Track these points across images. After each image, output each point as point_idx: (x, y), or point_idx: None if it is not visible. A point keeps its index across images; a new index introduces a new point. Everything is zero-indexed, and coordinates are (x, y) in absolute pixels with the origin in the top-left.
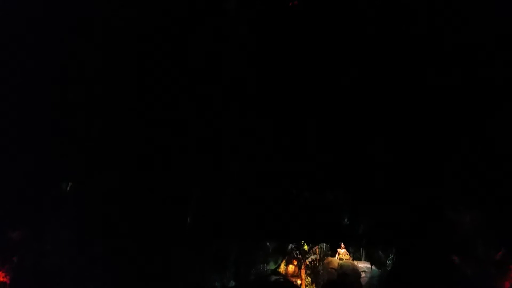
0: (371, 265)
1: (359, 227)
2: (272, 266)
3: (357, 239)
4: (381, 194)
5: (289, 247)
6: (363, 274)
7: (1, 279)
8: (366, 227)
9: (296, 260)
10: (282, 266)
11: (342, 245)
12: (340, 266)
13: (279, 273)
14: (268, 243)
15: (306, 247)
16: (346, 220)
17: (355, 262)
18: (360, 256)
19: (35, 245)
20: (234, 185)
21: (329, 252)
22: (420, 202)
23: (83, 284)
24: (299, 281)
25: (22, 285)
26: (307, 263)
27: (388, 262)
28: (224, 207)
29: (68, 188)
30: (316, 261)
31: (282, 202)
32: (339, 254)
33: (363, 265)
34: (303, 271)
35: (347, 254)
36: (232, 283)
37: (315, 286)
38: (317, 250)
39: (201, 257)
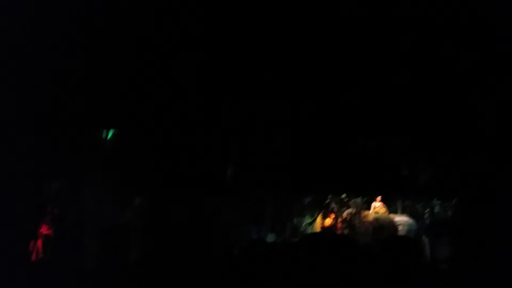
0: (409, 219)
1: (416, 178)
2: (308, 219)
3: (412, 192)
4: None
5: (327, 200)
6: (400, 228)
7: (45, 232)
8: (424, 177)
9: (333, 214)
10: (319, 219)
11: (378, 198)
12: (376, 219)
13: (315, 227)
14: (304, 196)
15: (343, 200)
16: (399, 169)
17: (392, 216)
18: (396, 209)
19: (75, 197)
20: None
21: (365, 206)
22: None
23: (126, 237)
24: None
25: (65, 237)
26: (344, 216)
27: (425, 215)
28: (260, 157)
29: (107, 137)
30: (352, 215)
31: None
32: (374, 207)
33: (399, 219)
34: (339, 225)
35: (383, 207)
36: (270, 236)
37: (351, 239)
38: (353, 203)
39: (238, 211)
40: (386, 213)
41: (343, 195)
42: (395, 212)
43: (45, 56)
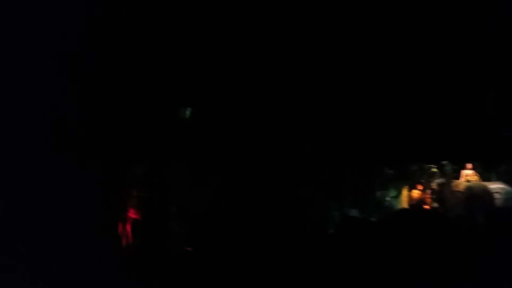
0: (506, 186)
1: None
2: (393, 192)
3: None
4: None
5: (412, 170)
6: (496, 196)
7: (133, 216)
8: None
9: (420, 185)
10: (404, 192)
11: (468, 166)
12: (469, 188)
13: (401, 200)
14: (387, 167)
15: (431, 169)
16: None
17: (486, 183)
18: (490, 177)
19: (160, 180)
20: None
21: (454, 175)
22: None
23: (212, 216)
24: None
25: (153, 220)
26: (432, 187)
27: None
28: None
29: (187, 116)
30: (442, 185)
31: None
32: (465, 175)
33: (495, 186)
34: (428, 197)
35: (474, 175)
36: (352, 212)
37: (442, 212)
38: (441, 172)
39: (317, 186)
40: (479, 181)
41: (431, 164)
42: (488, 180)
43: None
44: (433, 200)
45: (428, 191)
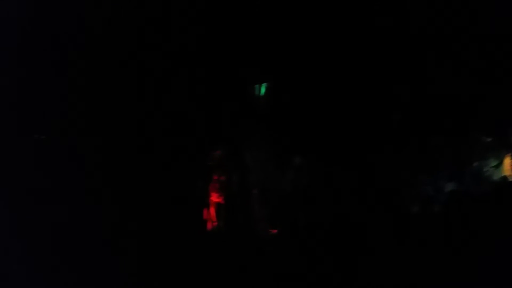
0: None
1: None
2: (493, 162)
3: None
4: None
5: None
6: None
7: (216, 200)
8: None
9: None
10: (507, 161)
11: None
12: None
13: (503, 170)
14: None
15: None
16: None
17: None
18: None
19: (239, 162)
20: None
21: None
22: None
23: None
24: None
25: (235, 203)
26: None
27: None
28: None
29: (260, 93)
30: None
31: None
32: None
33: None
34: None
35: None
36: (449, 186)
37: None
38: None
39: (408, 161)
40: None
41: None
42: None
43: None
44: None
45: None
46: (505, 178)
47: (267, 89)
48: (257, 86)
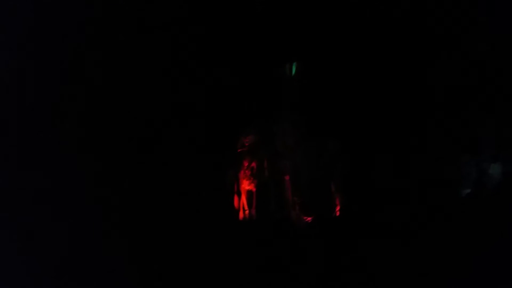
0: None
1: None
2: None
3: None
4: None
5: None
6: None
7: (247, 187)
8: None
9: None
10: None
11: None
12: None
13: None
14: None
15: None
16: None
17: None
18: None
19: (271, 148)
20: None
21: None
22: None
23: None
24: None
25: (267, 191)
26: None
27: None
28: None
29: (291, 73)
30: None
31: None
32: None
33: None
34: None
35: None
36: (494, 166)
37: None
38: None
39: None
40: None
41: None
42: None
43: None
44: None
45: None
46: None
47: (298, 68)
48: (288, 65)
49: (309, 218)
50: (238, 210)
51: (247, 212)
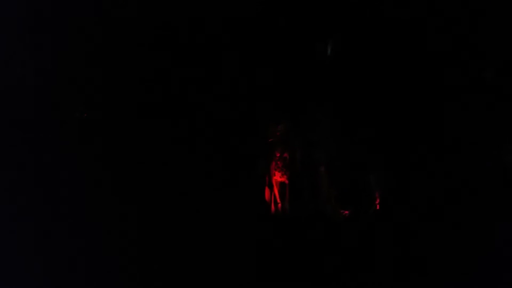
0: None
1: None
2: None
3: None
4: None
5: None
6: None
7: (279, 179)
8: None
9: None
10: None
11: None
12: None
13: None
14: None
15: None
16: None
17: None
18: None
19: (305, 137)
20: None
21: None
22: None
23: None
24: None
25: (299, 182)
26: None
27: None
28: None
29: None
30: None
31: None
32: None
33: None
34: None
35: None
36: None
37: None
38: None
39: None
40: None
41: None
42: None
43: None
44: None
45: None
46: None
47: (334, 48)
48: (323, 44)
49: (346, 212)
50: (270, 204)
51: (279, 205)
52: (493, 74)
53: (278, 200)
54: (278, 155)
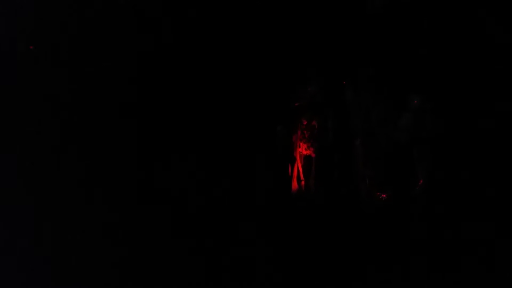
0: None
1: None
2: None
3: None
4: None
5: None
6: None
7: (305, 152)
8: None
9: None
10: None
11: None
12: None
13: None
14: None
15: None
16: None
17: None
18: None
19: (337, 103)
20: None
21: None
22: None
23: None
24: None
25: (330, 158)
26: None
27: None
28: None
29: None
30: None
31: None
32: None
33: None
34: None
35: None
36: None
37: None
38: None
39: None
40: None
41: None
42: None
43: None
44: None
45: None
46: None
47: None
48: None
49: (384, 195)
50: (291, 180)
51: (303, 183)
52: None
53: (302, 177)
54: (305, 123)
